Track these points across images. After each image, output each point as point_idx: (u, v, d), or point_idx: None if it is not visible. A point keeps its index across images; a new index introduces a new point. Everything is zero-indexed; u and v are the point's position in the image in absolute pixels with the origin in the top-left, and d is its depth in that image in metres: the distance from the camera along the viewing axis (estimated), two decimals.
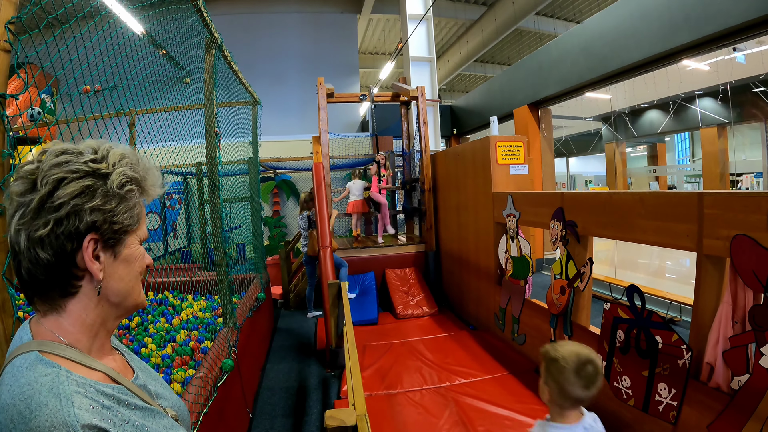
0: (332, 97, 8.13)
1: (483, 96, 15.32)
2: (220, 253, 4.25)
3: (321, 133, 7.78)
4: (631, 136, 15.77)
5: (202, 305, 5.59)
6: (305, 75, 17.25)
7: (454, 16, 20.14)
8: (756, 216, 2.49)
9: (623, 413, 3.48)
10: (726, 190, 6.28)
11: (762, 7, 5.95)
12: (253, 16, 18.12)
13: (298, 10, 18.66)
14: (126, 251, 0.99)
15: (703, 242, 2.85)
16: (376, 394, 4.45)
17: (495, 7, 19.03)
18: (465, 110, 16.62)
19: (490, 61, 27.00)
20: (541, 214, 4.66)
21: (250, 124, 6.89)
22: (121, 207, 0.95)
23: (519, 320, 5.16)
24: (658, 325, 3.18)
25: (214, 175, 4.25)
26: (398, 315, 7.01)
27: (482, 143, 5.98)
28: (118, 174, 0.95)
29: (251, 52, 17.20)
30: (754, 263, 2.49)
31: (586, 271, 3.97)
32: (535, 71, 11.63)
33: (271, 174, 13.16)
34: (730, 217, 2.66)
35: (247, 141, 6.89)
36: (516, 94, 12.60)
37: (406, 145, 9.20)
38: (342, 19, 19.20)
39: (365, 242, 8.47)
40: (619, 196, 3.61)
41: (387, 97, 9.13)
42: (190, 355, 4.04)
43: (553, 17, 20.87)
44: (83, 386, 0.87)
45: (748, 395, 2.51)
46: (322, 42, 18.79)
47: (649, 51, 7.89)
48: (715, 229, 2.76)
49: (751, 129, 13.21)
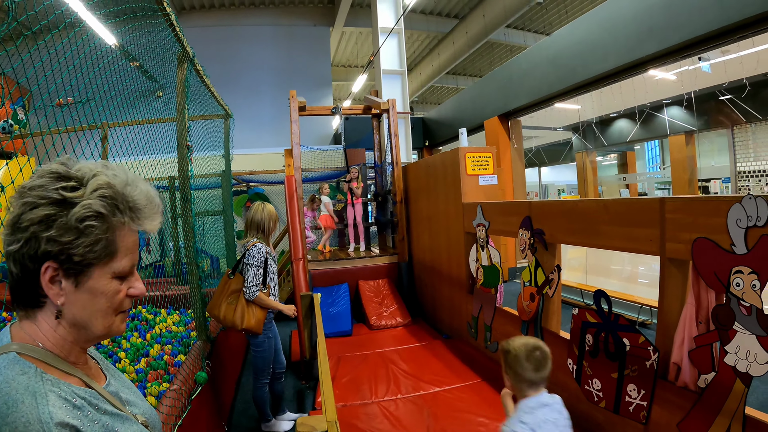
0: (304, 110, 8.11)
1: (454, 108, 15.46)
2: (193, 266, 4.22)
3: (293, 146, 7.75)
4: (601, 145, 16.01)
5: (176, 319, 5.53)
6: (278, 88, 17.19)
7: (426, 28, 20.31)
8: (716, 219, 2.54)
9: (595, 415, 3.51)
10: (687, 195, 6.40)
11: (723, 18, 6.12)
12: (227, 29, 18.09)
13: (272, 23, 18.68)
14: (90, 282, 0.97)
15: (665, 246, 2.89)
16: (350, 404, 4.43)
17: (466, 20, 19.25)
18: (437, 122, 16.73)
19: (462, 73, 27.28)
20: (509, 223, 4.70)
21: (222, 138, 6.85)
22: (80, 240, 0.93)
23: (491, 328, 5.18)
24: (626, 328, 3.22)
25: (186, 188, 4.22)
26: (372, 326, 6.98)
27: (452, 155, 6.02)
28: (81, 207, 0.93)
29: (224, 64, 17.16)
30: (715, 265, 2.54)
31: (555, 277, 4.01)
32: (505, 83, 11.77)
33: (244, 187, 13.09)
34: (691, 221, 2.71)
35: (219, 154, 6.84)
36: (486, 106, 12.72)
37: (378, 157, 9.22)
38: (315, 32, 19.25)
39: (338, 254, 8.44)
40: (585, 204, 3.66)
41: (359, 109, 9.16)
42: (164, 368, 3.99)
43: (523, 30, 21.19)
44: (57, 386, 0.90)
45: (714, 392, 2.56)
46: (295, 55, 18.80)
47: (616, 62, 8.04)
48: (676, 233, 2.81)
49: (719, 136, 13.52)
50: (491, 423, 3.90)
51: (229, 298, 4.08)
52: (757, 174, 11.19)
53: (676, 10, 6.77)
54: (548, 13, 19.68)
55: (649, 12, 7.25)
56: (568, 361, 3.81)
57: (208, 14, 18.14)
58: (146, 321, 5.47)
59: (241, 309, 4.05)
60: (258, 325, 4.10)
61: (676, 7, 6.77)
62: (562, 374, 3.88)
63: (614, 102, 12.44)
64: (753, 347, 2.34)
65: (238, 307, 4.04)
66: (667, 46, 7.02)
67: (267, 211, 4.31)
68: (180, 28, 3.85)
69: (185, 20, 17.52)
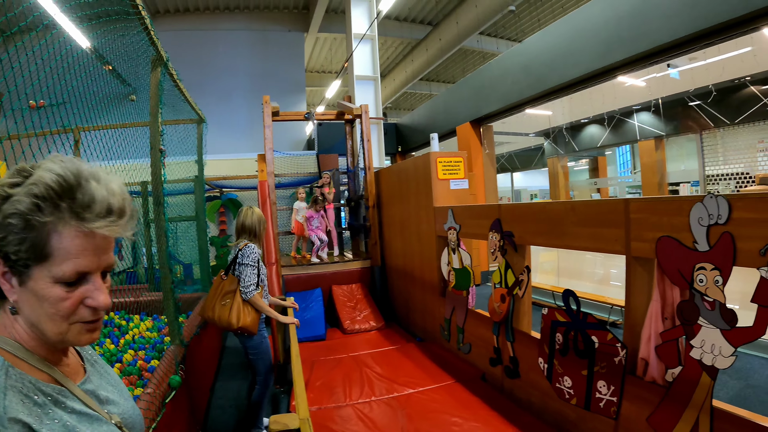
0: (277, 116, 8.07)
1: (427, 114, 15.55)
2: (166, 270, 4.17)
3: (266, 151, 7.71)
4: (572, 150, 16.24)
5: (149, 325, 5.48)
6: (252, 93, 17.18)
7: (400, 35, 20.42)
8: (679, 218, 2.59)
9: (567, 412, 3.55)
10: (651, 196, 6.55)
11: (689, 26, 6.27)
12: (201, 33, 18.00)
13: (246, 28, 18.62)
14: (32, 284, 0.93)
15: (630, 245, 2.94)
16: (325, 407, 4.40)
17: (440, 27, 19.43)
18: (410, 128, 16.81)
19: (436, 79, 27.47)
20: (480, 225, 4.72)
21: (195, 142, 6.80)
22: (9, 238, 0.90)
23: (463, 330, 5.19)
24: (594, 326, 3.27)
25: (159, 193, 4.16)
26: (346, 330, 6.95)
27: (423, 159, 6.04)
28: (9, 203, 0.90)
29: (199, 69, 17.08)
30: (679, 262, 2.59)
31: (524, 278, 4.04)
32: (477, 89, 11.87)
33: (217, 193, 13.00)
34: (655, 220, 2.76)
35: (192, 159, 6.78)
36: (459, 112, 12.83)
37: (350, 163, 9.22)
38: (289, 37, 19.24)
39: (311, 259, 8.41)
40: (552, 206, 3.70)
41: (332, 115, 9.15)
42: (137, 374, 3.93)
43: (496, 37, 21.41)
44: (21, 381, 0.90)
45: (682, 386, 2.60)
46: (269, 60, 18.77)
47: (586, 68, 8.17)
48: (641, 233, 2.86)
49: (689, 140, 13.80)
50: (465, 423, 3.91)
51: (224, 299, 4.09)
52: (726, 177, 11.44)
53: (644, 19, 6.91)
54: (521, 21, 19.91)
55: (618, 20, 7.39)
56: (539, 360, 3.83)
57: (183, 18, 18.03)
58: (119, 327, 5.42)
59: (237, 309, 4.05)
60: (254, 324, 4.10)
61: (643, 16, 6.92)
62: (534, 373, 3.92)
63: (585, 108, 12.66)
64: (717, 341, 2.39)
65: (233, 307, 4.05)
66: (635, 53, 7.17)
67: (257, 215, 4.35)
68: (155, 31, 3.82)
69: (160, 24, 17.42)
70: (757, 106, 10.27)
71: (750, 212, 2.27)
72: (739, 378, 5.02)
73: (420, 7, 19.05)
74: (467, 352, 5.16)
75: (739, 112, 10.69)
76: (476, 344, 4.97)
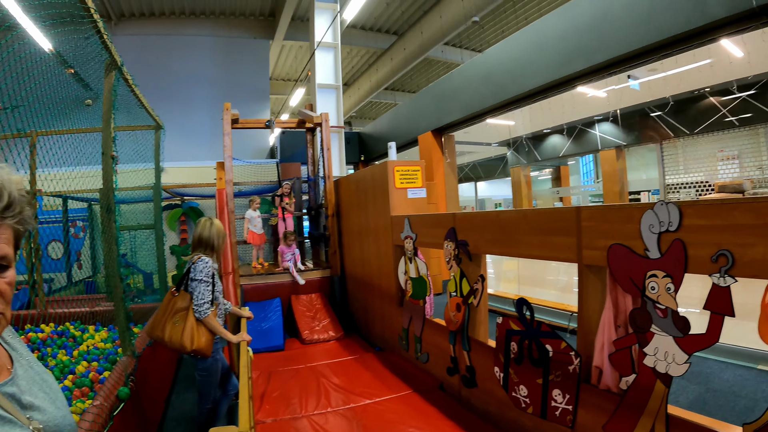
0: (237, 123, 7.95)
1: (390, 123, 15.59)
2: (116, 279, 4.06)
3: (225, 158, 7.58)
4: (535, 159, 16.41)
5: (104, 336, 5.35)
6: (216, 100, 16.95)
7: (365, 44, 20.46)
8: (629, 226, 2.57)
9: (523, 421, 3.51)
10: (602, 204, 6.57)
11: (645, 38, 6.37)
12: (166, 38, 17.74)
13: (211, 34, 18.43)
14: None
15: (582, 253, 2.91)
16: (281, 419, 4.31)
17: (405, 37, 19.50)
18: (372, 137, 16.84)
19: (401, 89, 27.60)
20: (435, 235, 4.68)
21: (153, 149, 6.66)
22: None
23: (421, 339, 5.15)
24: (548, 335, 3.24)
25: (110, 200, 4.04)
26: (305, 340, 6.85)
27: (381, 168, 6.00)
28: None
29: (162, 75, 16.90)
30: (630, 270, 2.57)
31: (479, 287, 4.01)
32: (439, 99, 11.92)
33: (178, 201, 12.76)
34: (606, 228, 2.74)
35: (150, 167, 6.64)
36: (421, 121, 12.88)
37: (311, 171, 9.12)
38: (255, 44, 19.12)
39: (271, 269, 8.27)
40: (506, 214, 3.67)
41: (293, 123, 9.06)
42: (89, 386, 3.81)
43: (460, 47, 21.60)
44: None
45: (636, 394, 2.58)
46: (234, 67, 18.62)
47: (546, 78, 8.24)
48: (592, 240, 2.83)
49: (649, 150, 14.08)
50: None
51: (175, 317, 3.69)
52: (687, 186, 11.66)
53: (602, 31, 7.02)
54: (485, 32, 20.13)
55: (577, 31, 7.48)
56: (495, 369, 3.79)
57: (148, 22, 17.74)
58: (74, 338, 5.28)
59: (189, 329, 3.64)
60: (208, 346, 3.72)
61: (601, 28, 7.02)
62: (491, 382, 3.88)
63: (547, 118, 12.79)
64: (671, 348, 2.38)
65: (186, 328, 3.64)
66: (593, 63, 7.26)
67: (216, 228, 3.99)
68: (108, 35, 3.75)
69: (124, 27, 17.17)
70: (717, 116, 10.52)
71: (701, 219, 2.25)
72: (699, 382, 5.04)
73: (386, 16, 19.10)
74: (425, 362, 5.10)
75: (699, 122, 10.95)
76: (434, 353, 4.92)
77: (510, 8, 17.79)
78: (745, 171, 10.68)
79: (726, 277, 2.12)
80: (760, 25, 5.37)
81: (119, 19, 17.19)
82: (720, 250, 2.14)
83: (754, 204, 2.05)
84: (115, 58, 4.02)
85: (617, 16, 6.75)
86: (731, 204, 2.14)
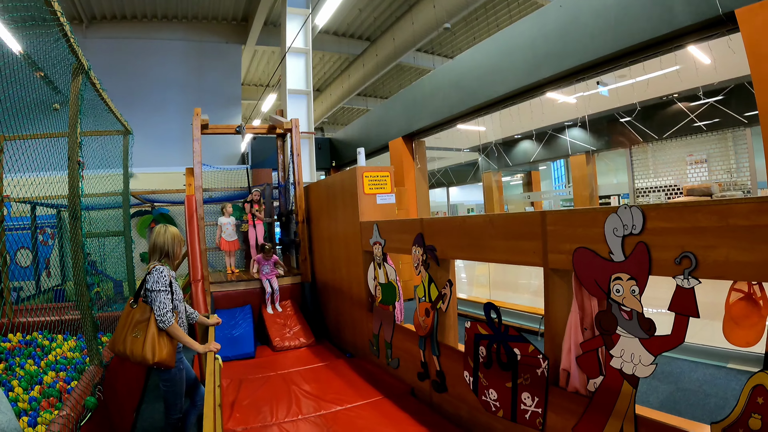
0: (207, 128, 7.84)
1: (361, 129, 15.56)
2: (82, 287, 4.00)
3: (195, 164, 7.46)
4: (506, 165, 16.51)
5: (72, 345, 5.26)
6: (187, 105, 16.65)
7: (337, 50, 20.40)
8: (594, 229, 2.59)
9: (494, 425, 3.52)
10: (567, 208, 6.65)
11: (613, 44, 6.44)
12: (137, 42, 17.42)
13: (183, 38, 18.18)
14: None
15: (548, 257, 2.93)
16: (251, 427, 4.25)
17: (377, 43, 19.50)
18: (344, 143, 16.79)
19: (373, 95, 27.60)
20: (403, 240, 4.67)
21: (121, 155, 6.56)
22: None
23: (391, 345, 5.14)
24: (515, 338, 3.26)
25: (75, 206, 3.99)
26: (275, 347, 6.79)
27: (350, 174, 5.98)
28: None
29: (133, 78, 16.66)
30: (596, 273, 2.59)
31: (447, 292, 4.01)
32: (409, 105, 11.94)
33: (148, 207, 12.56)
34: (571, 232, 2.75)
35: (119, 172, 6.52)
36: (391, 127, 12.88)
37: (281, 177, 9.04)
38: (227, 49, 18.93)
39: (241, 276, 8.17)
40: (472, 220, 3.67)
41: (264, 129, 8.98)
42: (57, 396, 3.75)
43: (432, 54, 21.67)
44: None
45: (604, 396, 2.60)
46: (205, 72, 18.41)
47: (515, 84, 8.29)
48: (558, 244, 2.85)
49: (619, 155, 14.24)
50: None
51: (135, 330, 3.56)
52: (656, 190, 11.82)
53: (571, 38, 7.08)
54: (456, 39, 20.22)
55: (546, 38, 7.54)
56: (465, 373, 3.80)
57: (120, 26, 17.39)
58: (41, 347, 5.18)
59: (151, 341, 3.51)
60: (171, 357, 3.59)
61: (570, 35, 7.09)
62: (461, 387, 3.88)
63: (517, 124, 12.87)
64: (637, 350, 2.40)
65: (147, 340, 3.51)
66: (562, 69, 7.31)
67: (170, 234, 3.88)
68: (75, 39, 3.67)
69: (94, 30, 16.86)
70: (685, 121, 10.68)
71: (664, 222, 2.26)
72: (670, 382, 5.10)
73: (358, 22, 19.09)
74: (396, 367, 5.09)
75: (667, 127, 11.11)
76: (404, 359, 4.91)
77: (482, 15, 17.91)
78: (714, 175, 10.86)
79: (690, 278, 2.13)
80: (725, 33, 5.44)
81: (91, 21, 16.87)
82: (683, 252, 2.15)
83: (717, 207, 2.07)
84: (82, 62, 3.99)
85: (586, 23, 6.82)
86: (694, 207, 2.16)
